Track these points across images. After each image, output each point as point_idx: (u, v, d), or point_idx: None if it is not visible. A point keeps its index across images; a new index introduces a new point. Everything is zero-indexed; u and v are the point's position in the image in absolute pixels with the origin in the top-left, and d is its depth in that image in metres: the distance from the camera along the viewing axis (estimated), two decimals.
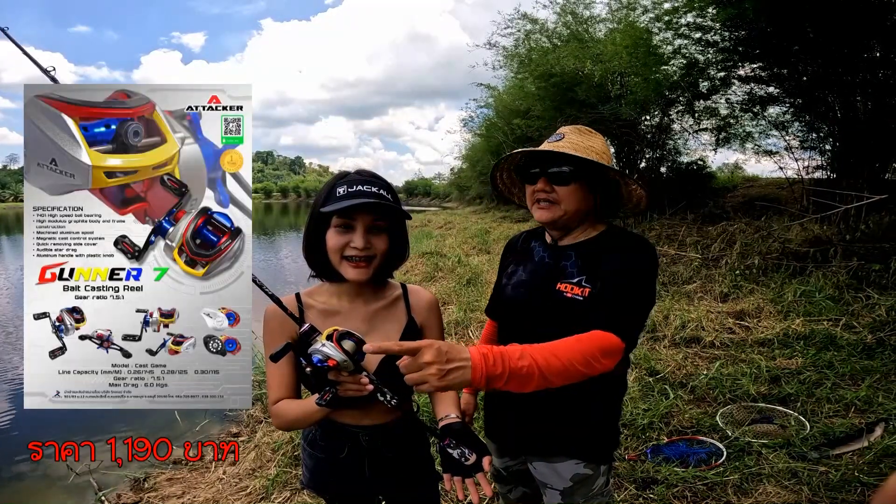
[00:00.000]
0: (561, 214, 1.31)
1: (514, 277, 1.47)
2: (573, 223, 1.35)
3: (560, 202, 1.30)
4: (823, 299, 4.97)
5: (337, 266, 1.20)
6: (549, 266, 1.38)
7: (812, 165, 8.96)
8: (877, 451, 2.61)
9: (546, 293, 1.33)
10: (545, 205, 1.32)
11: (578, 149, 1.29)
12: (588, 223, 1.37)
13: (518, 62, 14.94)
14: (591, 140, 1.35)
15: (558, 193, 1.30)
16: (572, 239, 1.38)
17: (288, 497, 2.72)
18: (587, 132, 1.38)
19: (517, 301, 1.42)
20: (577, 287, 1.29)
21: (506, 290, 1.48)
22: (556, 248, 1.39)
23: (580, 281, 1.29)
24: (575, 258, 1.34)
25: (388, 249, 1.24)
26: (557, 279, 1.33)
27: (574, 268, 1.32)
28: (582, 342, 1.10)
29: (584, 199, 1.31)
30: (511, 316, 1.47)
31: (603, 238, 1.35)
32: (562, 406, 1.36)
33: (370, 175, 1.22)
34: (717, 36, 8.60)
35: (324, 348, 1.01)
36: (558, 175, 1.29)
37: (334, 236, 1.18)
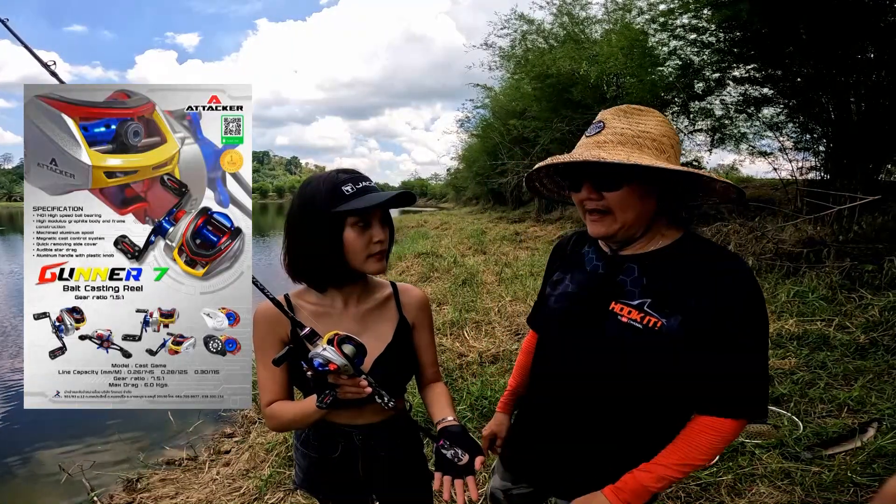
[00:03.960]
0: (618, 227, 1.05)
1: (559, 287, 1.25)
2: (635, 233, 1.09)
3: (613, 210, 1.04)
4: (817, 300, 5.00)
5: (360, 265, 1.18)
6: (602, 279, 1.13)
7: (806, 166, 9.01)
8: (870, 452, 2.63)
9: (596, 313, 1.11)
10: (596, 216, 1.07)
11: (624, 140, 1.02)
12: (656, 229, 1.10)
13: (514, 63, 14.99)
14: (642, 122, 1.04)
15: (608, 200, 1.04)
16: (636, 249, 1.11)
17: (281, 497, 2.72)
18: (636, 112, 1.07)
19: (560, 316, 1.20)
20: (636, 311, 1.04)
21: (549, 300, 1.27)
22: (614, 259, 1.14)
23: (642, 305, 1.04)
24: (638, 273, 1.08)
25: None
26: (612, 297, 1.09)
27: (636, 286, 1.07)
28: (704, 439, 1.00)
29: (644, 201, 1.04)
30: (557, 331, 1.24)
31: (677, 250, 1.07)
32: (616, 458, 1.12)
33: (357, 172, 1.21)
34: (712, 37, 8.65)
35: (325, 353, 1.02)
36: (603, 178, 1.02)
37: (356, 235, 1.15)
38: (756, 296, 0.99)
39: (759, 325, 1.00)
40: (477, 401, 3.40)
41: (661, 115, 1.07)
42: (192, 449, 3.66)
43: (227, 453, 3.49)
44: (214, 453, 3.54)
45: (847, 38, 6.56)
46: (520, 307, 6.04)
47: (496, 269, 8.58)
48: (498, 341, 4.91)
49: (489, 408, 3.35)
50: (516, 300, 6.34)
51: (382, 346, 1.26)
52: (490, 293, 6.90)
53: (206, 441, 3.86)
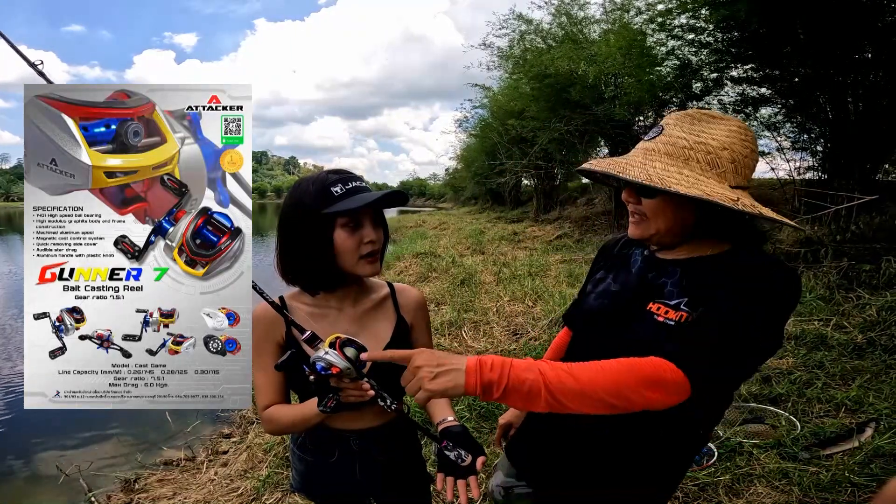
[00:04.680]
0: (653, 232, 1.08)
1: (601, 285, 1.25)
2: (671, 241, 1.10)
3: (649, 217, 1.07)
4: (814, 299, 5.01)
5: (352, 267, 1.18)
6: (645, 280, 1.13)
7: (803, 166, 9.05)
8: (867, 452, 2.64)
9: (633, 311, 1.10)
10: (636, 218, 1.10)
11: (674, 150, 1.01)
12: (702, 239, 1.09)
13: (513, 63, 15.00)
14: (707, 131, 1.02)
15: (645, 206, 1.06)
16: (678, 254, 1.12)
17: (279, 498, 2.72)
18: (705, 118, 1.05)
19: (598, 313, 1.20)
20: (672, 311, 1.03)
21: (589, 298, 1.27)
22: (656, 260, 1.14)
23: (679, 304, 1.04)
24: (679, 277, 1.08)
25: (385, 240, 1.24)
26: (651, 297, 1.09)
27: (675, 287, 1.07)
28: (622, 365, 0.89)
29: (678, 214, 1.04)
30: (587, 329, 1.25)
31: (724, 258, 1.06)
32: (614, 455, 1.13)
33: (348, 172, 1.21)
34: (709, 37, 8.68)
35: (327, 356, 1.02)
36: (640, 185, 1.01)
37: (347, 236, 1.15)
38: (759, 285, 0.97)
39: (743, 300, 0.95)
40: (475, 401, 3.40)
41: (736, 125, 1.03)
42: (189, 449, 3.66)
43: (225, 454, 3.49)
44: (212, 454, 3.54)
45: (845, 38, 6.57)
46: (518, 307, 6.05)
47: (494, 269, 8.58)
48: (496, 341, 4.92)
49: (487, 408, 3.35)
50: (514, 300, 6.34)
51: (381, 346, 1.26)
52: (488, 293, 6.90)
53: (204, 441, 3.86)
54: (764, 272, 0.98)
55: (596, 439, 1.12)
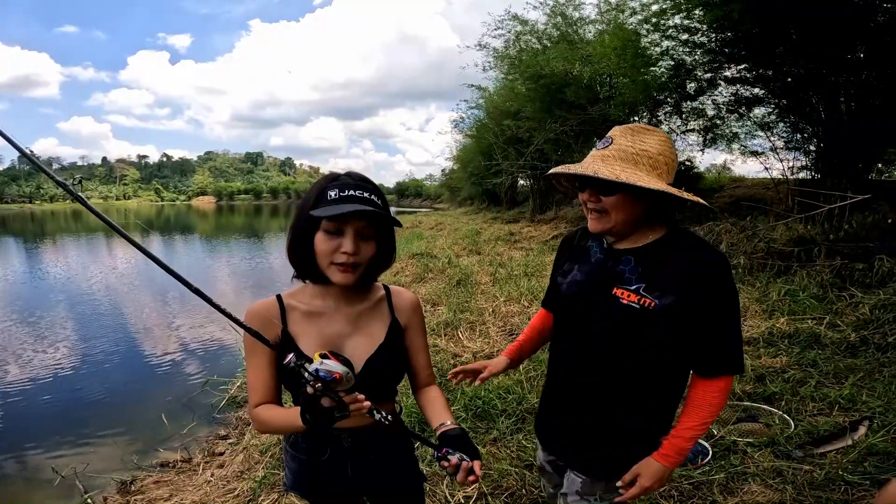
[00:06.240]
0: (611, 225, 1.27)
1: (569, 276, 1.45)
2: (627, 230, 1.30)
3: (609, 211, 1.25)
4: (808, 298, 5.03)
5: (324, 269, 1.19)
6: (605, 269, 1.34)
7: (797, 166, 9.09)
8: (860, 450, 2.65)
9: (602, 297, 1.31)
10: (595, 215, 1.29)
11: (625, 156, 1.22)
12: (646, 226, 1.31)
13: (508, 63, 15.05)
14: (645, 141, 1.25)
15: (605, 203, 1.25)
16: (630, 243, 1.32)
17: (275, 499, 2.71)
18: (642, 131, 1.27)
19: (573, 300, 1.41)
20: (633, 294, 1.26)
21: (561, 287, 1.46)
22: (613, 251, 1.34)
23: (638, 289, 1.26)
24: (634, 263, 1.29)
25: (375, 255, 1.22)
26: (614, 283, 1.30)
27: (633, 274, 1.28)
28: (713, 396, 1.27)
29: (634, 206, 1.25)
30: (567, 312, 1.45)
31: (665, 243, 1.29)
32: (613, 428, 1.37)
33: (361, 178, 1.20)
34: (703, 37, 8.71)
35: (324, 365, 1.01)
36: (602, 185, 1.23)
37: (324, 240, 1.16)
38: (728, 280, 1.23)
39: (732, 302, 1.25)
40: (471, 401, 3.40)
41: (664, 136, 1.27)
42: (185, 451, 3.65)
43: (221, 455, 3.48)
44: (208, 455, 3.53)
45: (838, 38, 6.61)
46: (514, 307, 6.05)
47: (490, 270, 8.58)
48: (492, 342, 4.92)
49: (483, 408, 3.35)
50: (510, 300, 6.35)
51: (374, 346, 1.27)
52: (484, 293, 6.90)
53: (200, 443, 3.85)
54: (714, 268, 1.23)
55: (613, 399, 1.35)
